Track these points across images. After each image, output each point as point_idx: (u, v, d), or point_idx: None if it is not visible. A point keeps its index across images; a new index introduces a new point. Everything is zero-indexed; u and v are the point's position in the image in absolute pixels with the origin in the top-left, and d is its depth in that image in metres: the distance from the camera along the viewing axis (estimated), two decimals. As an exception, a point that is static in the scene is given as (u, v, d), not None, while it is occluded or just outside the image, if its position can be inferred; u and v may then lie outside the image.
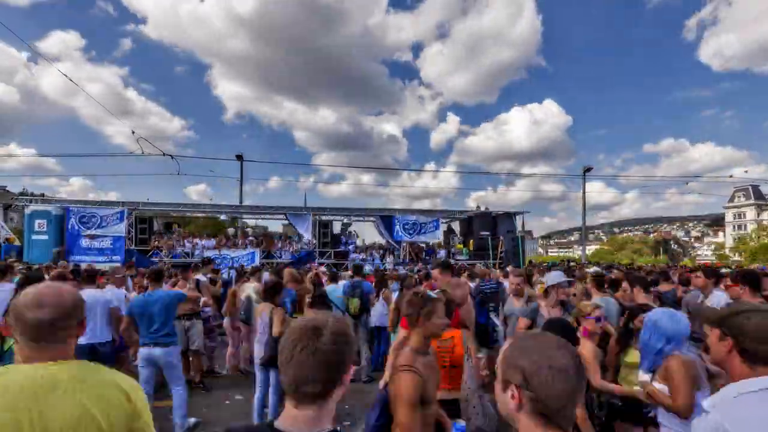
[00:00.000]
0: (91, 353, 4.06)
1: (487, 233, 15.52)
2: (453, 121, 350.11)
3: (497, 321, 4.71)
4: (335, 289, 6.55)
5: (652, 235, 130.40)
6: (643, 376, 2.36)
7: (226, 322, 6.37)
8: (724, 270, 7.95)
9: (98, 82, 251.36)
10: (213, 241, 16.38)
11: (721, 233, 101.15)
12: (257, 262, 13.53)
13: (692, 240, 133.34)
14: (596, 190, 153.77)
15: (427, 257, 15.41)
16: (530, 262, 19.54)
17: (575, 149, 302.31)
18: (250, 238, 17.77)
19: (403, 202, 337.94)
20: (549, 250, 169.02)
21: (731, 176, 23.45)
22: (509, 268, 7.73)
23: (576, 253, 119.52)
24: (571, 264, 16.34)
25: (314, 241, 15.43)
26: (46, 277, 5.68)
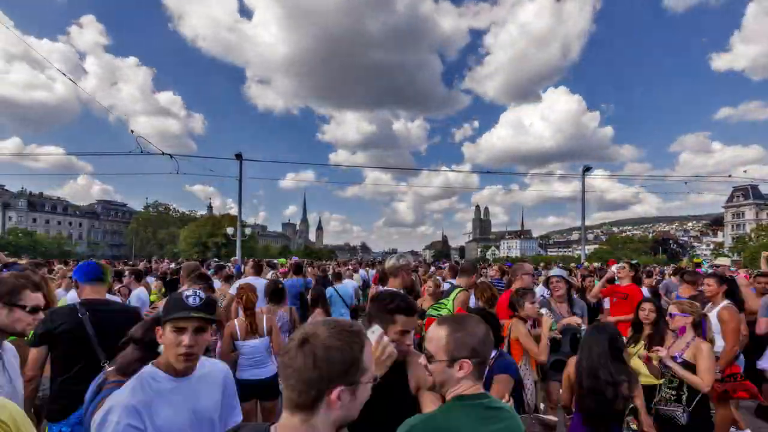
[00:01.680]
0: None
1: None
2: (479, 121, 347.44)
3: None
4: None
5: (651, 235, 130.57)
6: None
7: None
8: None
9: (124, 79, 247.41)
10: None
11: (720, 233, 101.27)
12: None
13: (691, 240, 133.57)
14: (603, 189, 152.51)
15: None
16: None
17: (604, 149, 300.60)
18: None
19: (420, 200, 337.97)
20: (549, 250, 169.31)
21: (730, 176, 23.40)
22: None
23: (576, 253, 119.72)
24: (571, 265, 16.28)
25: None
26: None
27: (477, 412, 1.29)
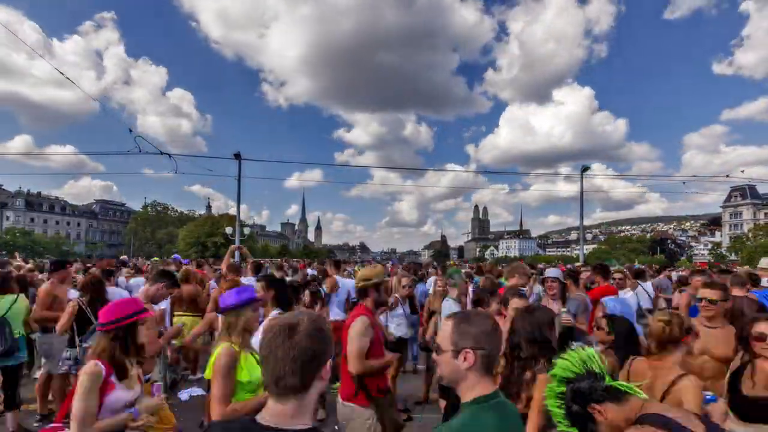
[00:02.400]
0: None
1: None
2: (490, 121, 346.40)
3: None
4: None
5: (649, 235, 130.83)
6: None
7: None
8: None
9: (141, 80, 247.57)
10: None
11: (718, 233, 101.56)
12: None
13: (689, 240, 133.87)
14: (609, 189, 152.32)
15: None
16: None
17: (615, 148, 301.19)
18: None
19: (425, 200, 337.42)
20: (547, 250, 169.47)
21: (728, 176, 23.47)
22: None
23: (574, 252, 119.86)
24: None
25: None
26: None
27: (504, 412, 1.28)
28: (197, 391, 5.62)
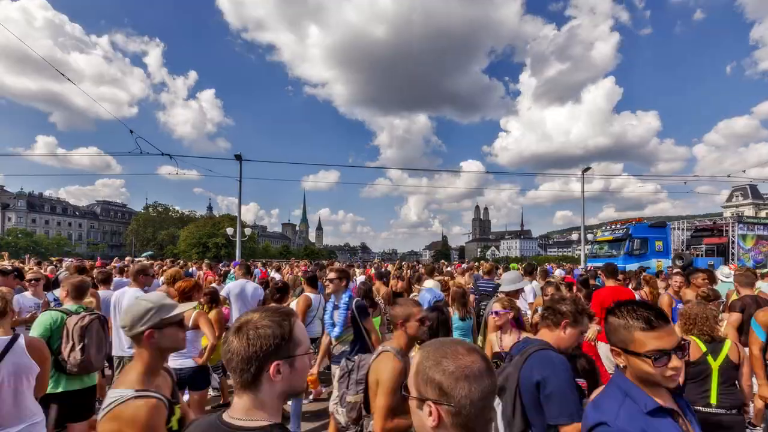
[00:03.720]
0: None
1: None
2: (513, 122, 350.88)
3: None
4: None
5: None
6: None
7: None
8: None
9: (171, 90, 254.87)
10: None
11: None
12: None
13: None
14: (622, 190, 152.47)
15: None
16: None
17: (640, 147, 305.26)
18: None
19: (434, 200, 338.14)
20: (549, 250, 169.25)
21: (729, 176, 23.45)
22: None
23: (576, 253, 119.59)
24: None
25: None
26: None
27: None
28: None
